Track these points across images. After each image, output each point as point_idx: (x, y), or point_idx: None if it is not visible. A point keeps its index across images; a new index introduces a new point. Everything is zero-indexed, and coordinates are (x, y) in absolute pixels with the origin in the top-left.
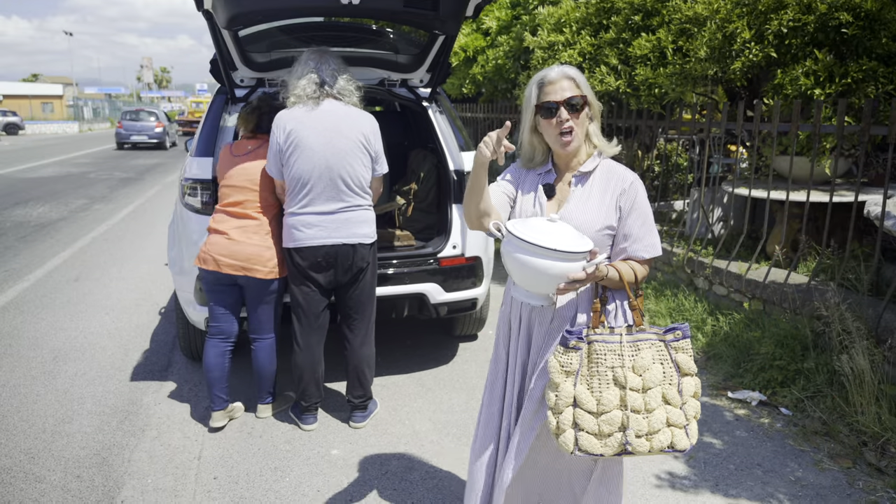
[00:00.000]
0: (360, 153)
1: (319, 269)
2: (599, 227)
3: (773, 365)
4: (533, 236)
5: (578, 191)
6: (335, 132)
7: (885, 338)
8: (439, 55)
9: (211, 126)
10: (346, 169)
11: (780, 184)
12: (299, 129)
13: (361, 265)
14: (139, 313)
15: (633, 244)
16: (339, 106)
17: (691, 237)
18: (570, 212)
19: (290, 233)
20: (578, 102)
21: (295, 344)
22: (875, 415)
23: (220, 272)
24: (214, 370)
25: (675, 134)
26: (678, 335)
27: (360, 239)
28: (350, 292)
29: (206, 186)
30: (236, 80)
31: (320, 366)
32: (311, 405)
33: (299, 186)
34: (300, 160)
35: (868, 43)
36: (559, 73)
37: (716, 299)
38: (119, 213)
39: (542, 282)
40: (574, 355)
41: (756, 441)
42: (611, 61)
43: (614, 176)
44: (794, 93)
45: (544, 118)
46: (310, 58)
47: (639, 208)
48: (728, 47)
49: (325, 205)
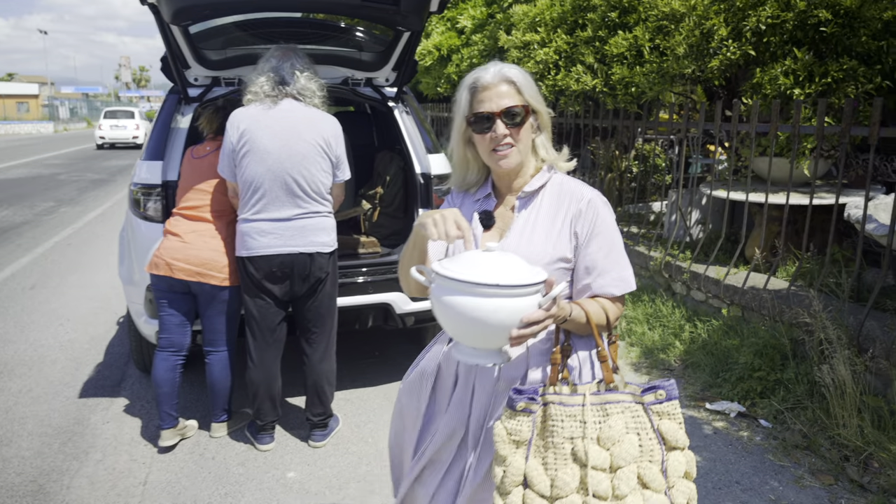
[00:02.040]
0: (320, 157)
1: (274, 280)
2: (549, 259)
3: (752, 375)
4: (467, 273)
5: (523, 216)
6: (293, 134)
7: (867, 347)
8: (405, 53)
9: (162, 127)
10: (303, 173)
11: (759, 185)
12: (254, 128)
13: (320, 275)
14: (96, 324)
15: (599, 278)
16: (298, 106)
17: (669, 240)
18: (512, 243)
19: (242, 240)
20: (519, 113)
21: (249, 359)
22: (857, 428)
23: (173, 277)
24: (164, 385)
25: (653, 134)
26: (661, 395)
27: (319, 248)
28: (308, 304)
29: (157, 192)
30: (190, 78)
31: (277, 382)
32: (268, 424)
33: (252, 190)
34: (253, 162)
35: (848, 41)
36: (496, 75)
37: (694, 305)
38: (86, 216)
39: (487, 331)
40: (525, 420)
41: (735, 456)
42: (587, 60)
43: (567, 195)
44: (774, 92)
45: (477, 132)
46: (272, 55)
47: (602, 233)
48: (706, 45)
49: (279, 211)
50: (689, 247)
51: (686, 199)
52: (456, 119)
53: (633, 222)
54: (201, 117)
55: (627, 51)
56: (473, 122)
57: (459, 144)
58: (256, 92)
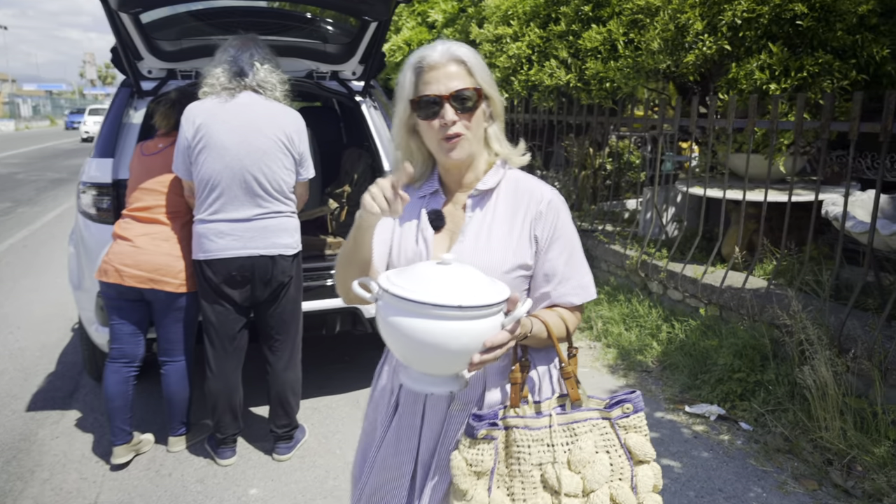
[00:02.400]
0: (281, 154)
1: (234, 285)
2: (509, 266)
3: (732, 377)
4: (421, 291)
5: (477, 217)
6: (252, 129)
7: (848, 347)
8: (372, 45)
9: (113, 123)
10: (264, 171)
11: (735, 182)
12: (210, 123)
13: (282, 279)
14: (49, 330)
15: (559, 286)
16: (258, 100)
17: (645, 239)
18: (467, 249)
19: (199, 242)
20: (471, 97)
21: (208, 369)
22: (839, 430)
23: (124, 285)
24: (116, 399)
25: (627, 131)
26: (628, 409)
27: (281, 250)
28: (271, 310)
29: (106, 191)
30: (143, 70)
31: (237, 393)
32: (228, 437)
33: (209, 189)
34: (210, 159)
35: (823, 35)
36: (444, 53)
37: (671, 304)
38: (44, 216)
39: (445, 357)
40: (486, 448)
41: (717, 462)
42: (561, 54)
43: (525, 194)
44: (749, 87)
45: (423, 118)
46: (231, 44)
47: (562, 237)
48: (681, 39)
49: (238, 211)
50: (666, 245)
51: (661, 196)
52: (398, 104)
53: (608, 220)
54: (156, 113)
55: (601, 45)
56: (419, 107)
57: (402, 133)
58: (213, 84)
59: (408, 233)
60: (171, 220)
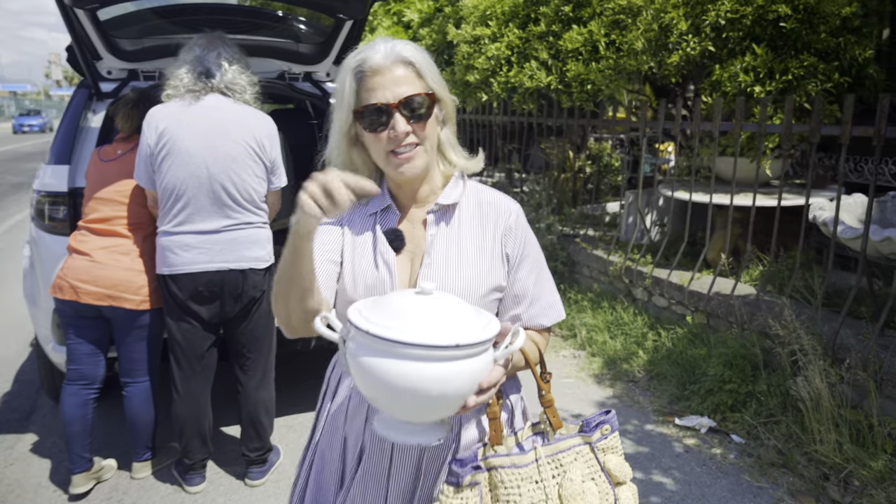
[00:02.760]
0: (251, 161)
1: (201, 301)
2: (485, 290)
3: (723, 388)
4: (405, 329)
5: (442, 235)
6: (219, 134)
7: (842, 357)
8: (347, 44)
9: (69, 127)
10: (233, 178)
11: (718, 186)
12: (174, 128)
13: (254, 295)
14: (6, 344)
15: (530, 308)
16: (226, 103)
17: (629, 244)
18: (436, 272)
19: (163, 256)
20: (423, 104)
21: (174, 391)
22: (835, 443)
23: (80, 302)
24: (74, 423)
25: (605, 133)
26: (606, 430)
27: (252, 263)
28: (242, 327)
29: (62, 200)
30: (102, 71)
31: (206, 416)
32: (197, 463)
33: (173, 199)
34: (174, 166)
35: (807, 38)
36: (388, 55)
37: (656, 311)
38: (6, 222)
39: (435, 404)
40: (471, 495)
41: (710, 477)
42: (541, 55)
43: (491, 208)
44: (734, 90)
45: (370, 130)
46: (196, 43)
47: (530, 254)
48: (664, 39)
49: (205, 222)
50: (650, 250)
51: (643, 200)
52: (337, 112)
53: (589, 224)
54: (117, 115)
55: (583, 46)
56: (363, 118)
57: (343, 145)
58: (176, 86)
59: (363, 255)
60: (132, 232)
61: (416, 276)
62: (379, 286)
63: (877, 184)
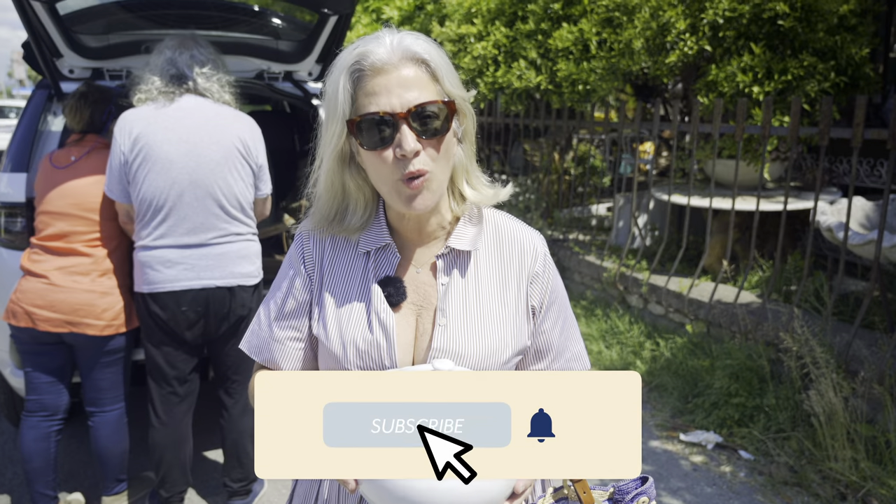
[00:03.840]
0: (238, 164)
1: (184, 321)
2: (509, 355)
3: (729, 401)
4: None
5: (457, 287)
6: (201, 136)
7: (856, 369)
8: (331, 42)
9: (26, 131)
10: (219, 185)
11: (714, 190)
12: (150, 132)
13: (241, 313)
14: None
15: (553, 363)
16: (205, 103)
17: (624, 250)
18: (454, 337)
19: (142, 273)
20: (439, 115)
21: (154, 417)
22: (851, 460)
23: (37, 329)
24: (34, 459)
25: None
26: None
27: (240, 280)
28: (227, 348)
29: (19, 212)
30: (63, 70)
31: (187, 445)
32: (175, 496)
33: (153, 211)
34: (152, 174)
35: (805, 37)
36: (396, 49)
37: (652, 319)
38: None
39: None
40: None
41: (721, 499)
42: (529, 55)
43: (514, 247)
44: (731, 90)
45: (370, 146)
46: (166, 46)
47: (557, 300)
48: (662, 38)
49: (189, 235)
50: (645, 256)
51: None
52: (327, 123)
53: (578, 228)
54: (63, 111)
55: (573, 45)
56: (360, 130)
57: (334, 163)
58: (148, 90)
59: (352, 312)
60: (93, 250)
61: (427, 336)
62: (374, 352)
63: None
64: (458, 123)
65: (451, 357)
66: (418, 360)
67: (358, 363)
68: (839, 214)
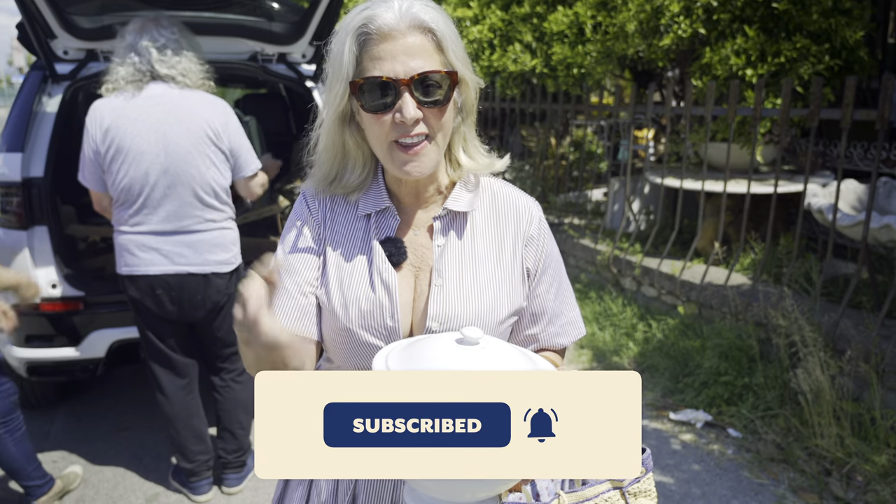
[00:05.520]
0: (209, 151)
1: (160, 304)
2: (504, 315)
3: (718, 381)
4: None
5: (453, 248)
6: (170, 125)
7: (843, 348)
8: (325, 23)
9: (22, 112)
10: (191, 173)
11: (708, 173)
12: (120, 124)
13: (218, 300)
14: None
15: (548, 327)
16: (171, 90)
17: (618, 233)
18: (450, 295)
19: (121, 255)
20: (441, 84)
21: (158, 394)
22: (836, 437)
23: None
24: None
25: (584, 119)
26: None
27: (215, 267)
28: (210, 331)
29: (15, 191)
30: (58, 51)
31: (199, 415)
32: (200, 465)
33: (130, 200)
34: (125, 165)
35: (799, 19)
36: (404, 15)
37: (645, 301)
38: None
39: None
40: None
41: (710, 475)
42: (525, 38)
43: (509, 211)
44: (724, 73)
45: (371, 110)
46: (127, 31)
47: (552, 264)
48: (656, 21)
49: (165, 223)
50: (639, 239)
51: (629, 187)
52: (331, 82)
53: (573, 212)
54: None
55: (568, 28)
56: (362, 93)
57: (334, 123)
58: (115, 80)
59: (354, 272)
60: None
61: (423, 298)
62: (377, 311)
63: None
64: (458, 93)
65: (448, 317)
66: (416, 322)
67: (360, 323)
68: (830, 197)
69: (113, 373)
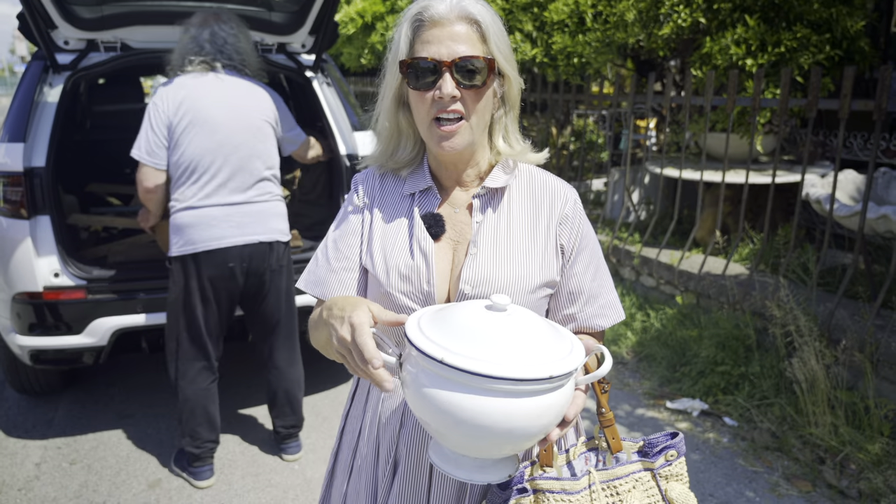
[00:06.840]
0: (270, 131)
1: (225, 279)
2: (535, 284)
3: (715, 370)
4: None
5: (489, 222)
6: (240, 103)
7: (838, 337)
8: (324, 13)
9: (23, 102)
10: (259, 148)
11: (707, 163)
12: (195, 97)
13: (276, 268)
14: None
15: (586, 307)
16: (236, 76)
17: (617, 223)
18: (484, 264)
19: (183, 234)
20: (480, 70)
21: (180, 377)
22: (830, 426)
23: None
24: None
25: (586, 109)
26: (672, 456)
27: (278, 236)
28: (263, 305)
29: (17, 181)
30: (58, 41)
31: (215, 402)
32: (205, 450)
33: (199, 171)
34: (199, 137)
35: (800, 8)
36: (453, 6)
37: (644, 291)
38: None
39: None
40: None
41: (704, 463)
42: (525, 27)
43: (546, 192)
44: (725, 63)
45: (415, 87)
46: (191, 24)
47: (588, 246)
48: (655, 10)
49: (235, 193)
50: (637, 229)
51: (629, 177)
52: (389, 66)
53: None
54: None
55: (568, 17)
56: (410, 71)
57: (391, 104)
58: (181, 65)
59: (396, 241)
60: None
61: (460, 267)
62: (414, 276)
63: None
64: (499, 84)
65: (480, 281)
66: (453, 290)
67: (399, 287)
68: (829, 187)
69: (116, 361)
